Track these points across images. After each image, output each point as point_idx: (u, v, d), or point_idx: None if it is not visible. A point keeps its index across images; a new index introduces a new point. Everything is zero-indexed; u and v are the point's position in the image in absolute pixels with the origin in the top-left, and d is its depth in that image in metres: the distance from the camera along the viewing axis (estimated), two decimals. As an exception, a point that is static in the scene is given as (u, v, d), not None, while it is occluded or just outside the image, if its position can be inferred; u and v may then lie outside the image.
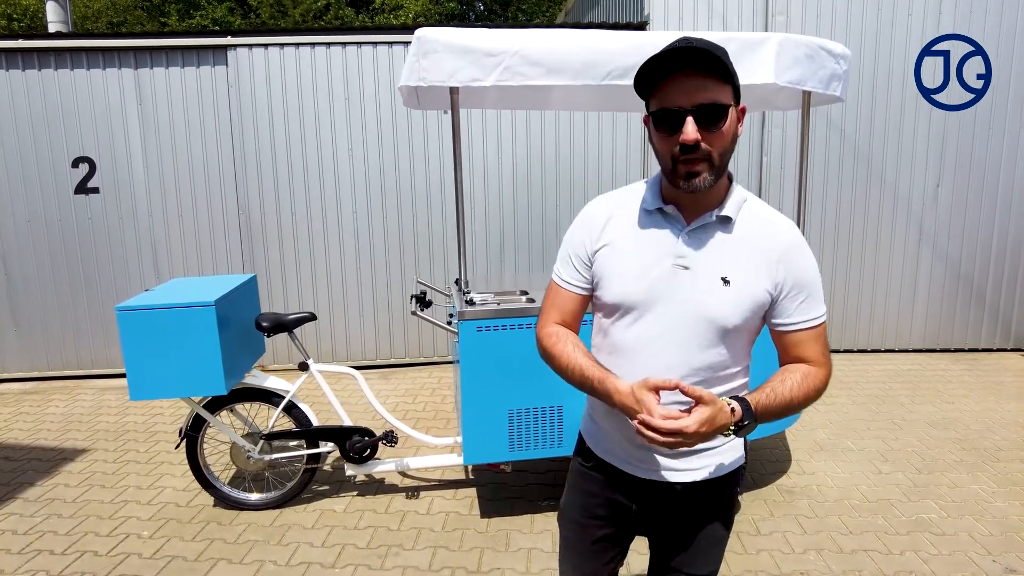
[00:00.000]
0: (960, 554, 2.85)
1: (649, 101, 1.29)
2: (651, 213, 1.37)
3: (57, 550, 3.00)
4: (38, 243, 5.32)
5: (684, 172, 1.25)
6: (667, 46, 1.21)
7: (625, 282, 1.35)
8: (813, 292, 1.35)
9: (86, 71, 5.14)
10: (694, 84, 1.21)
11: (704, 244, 1.32)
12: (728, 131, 1.25)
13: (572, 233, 1.46)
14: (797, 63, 2.77)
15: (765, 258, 1.32)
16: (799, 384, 1.31)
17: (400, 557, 2.90)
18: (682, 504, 1.44)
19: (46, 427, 4.51)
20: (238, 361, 3.11)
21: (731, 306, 1.30)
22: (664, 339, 1.33)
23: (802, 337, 1.35)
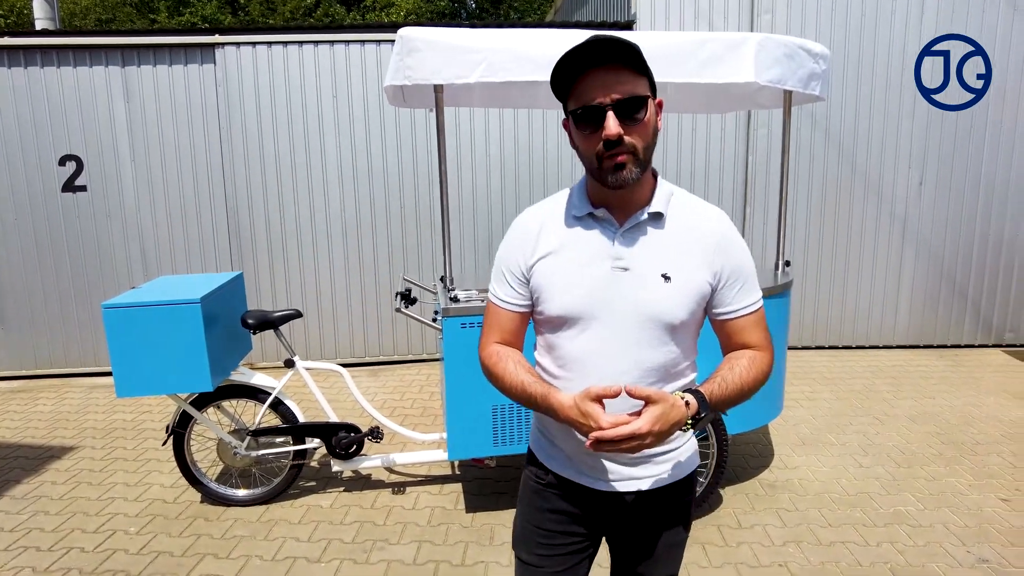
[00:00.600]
0: (935, 545, 2.90)
1: (567, 101, 1.27)
2: (582, 219, 1.34)
3: (44, 547, 3.02)
4: (25, 241, 5.31)
5: (610, 167, 1.23)
6: (581, 42, 1.18)
7: (567, 293, 1.32)
8: (749, 278, 1.36)
9: (73, 69, 5.13)
10: (611, 78, 1.20)
11: (640, 243, 1.31)
12: (649, 123, 1.24)
13: (504, 251, 1.41)
14: (777, 63, 2.81)
15: (701, 249, 1.31)
16: (747, 370, 1.31)
17: (385, 551, 2.93)
18: (642, 512, 1.43)
19: (34, 425, 4.51)
20: (225, 358, 3.13)
21: (675, 301, 1.29)
22: (613, 344, 1.30)
23: (744, 323, 1.36)
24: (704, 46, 2.72)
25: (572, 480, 1.43)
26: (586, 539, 1.49)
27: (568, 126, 1.29)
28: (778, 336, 3.24)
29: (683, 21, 5.36)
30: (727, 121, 5.54)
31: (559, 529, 1.47)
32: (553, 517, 1.47)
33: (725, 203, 5.65)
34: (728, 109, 3.81)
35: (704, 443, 3.08)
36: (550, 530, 1.47)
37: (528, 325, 1.44)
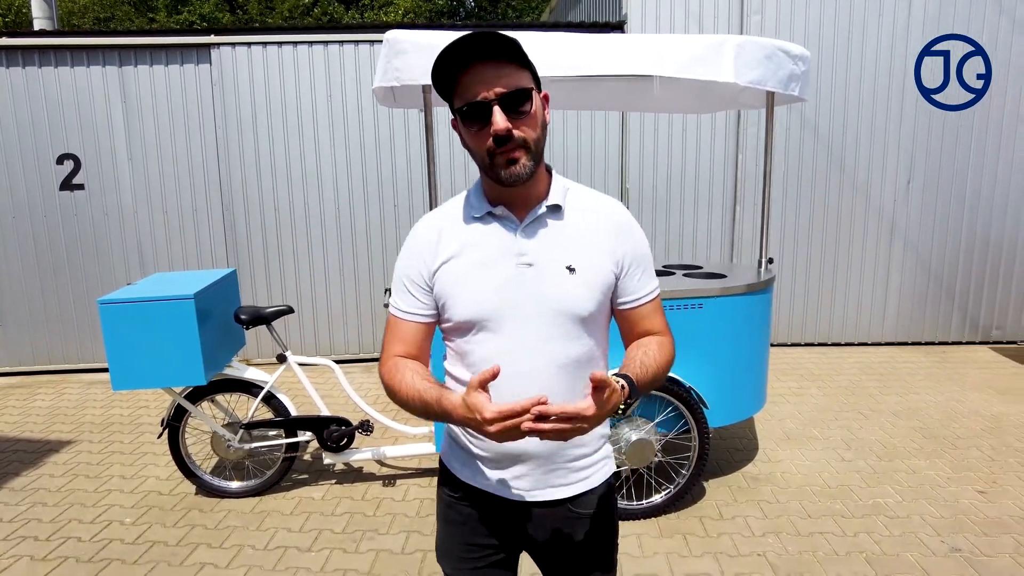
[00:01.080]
0: (911, 535, 2.98)
1: (452, 100, 1.24)
2: (481, 219, 1.31)
3: (42, 536, 3.09)
4: (24, 239, 5.38)
5: (503, 163, 1.20)
6: (458, 38, 1.15)
7: (473, 295, 1.28)
8: (647, 266, 1.37)
9: (70, 68, 5.20)
10: (493, 73, 1.17)
11: (541, 237, 1.29)
12: (537, 115, 1.23)
13: (403, 261, 1.36)
14: (757, 64, 2.88)
15: (602, 237, 1.31)
16: (658, 354, 1.31)
17: (374, 541, 3.00)
18: (560, 522, 1.39)
19: (32, 420, 4.58)
20: (218, 353, 3.20)
21: (582, 293, 1.28)
22: (525, 342, 1.27)
23: (646, 311, 1.36)
24: (686, 48, 2.79)
25: (485, 491, 1.38)
26: (503, 551, 1.44)
27: (457, 126, 1.26)
28: (761, 331, 3.32)
29: (673, 21, 5.43)
30: (717, 122, 5.61)
31: (475, 542, 1.42)
32: (467, 530, 1.42)
33: (715, 202, 5.72)
34: (714, 109, 3.88)
35: (686, 436, 3.15)
36: (467, 543, 1.42)
37: (433, 336, 1.39)
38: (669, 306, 3.07)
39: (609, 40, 2.75)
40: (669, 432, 3.12)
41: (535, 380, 1.27)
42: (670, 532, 3.03)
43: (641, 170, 5.64)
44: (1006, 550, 2.85)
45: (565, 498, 1.37)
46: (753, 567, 2.77)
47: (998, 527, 3.03)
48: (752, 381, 3.32)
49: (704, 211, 5.74)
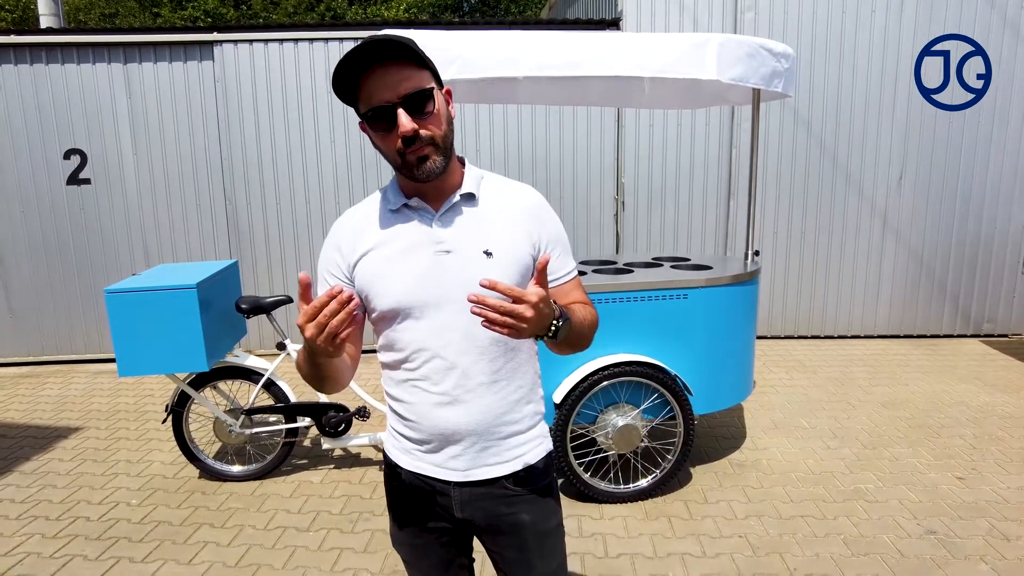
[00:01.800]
0: (888, 519, 3.08)
1: (357, 106, 1.27)
2: (397, 211, 1.35)
3: (52, 516, 3.22)
4: (32, 232, 5.51)
5: (414, 161, 1.25)
6: (356, 46, 1.20)
7: (396, 285, 1.31)
8: (565, 245, 1.42)
9: (77, 66, 5.31)
10: (393, 76, 1.21)
11: (457, 224, 1.33)
12: (441, 112, 1.27)
13: (324, 256, 1.40)
14: (739, 61, 2.97)
15: (517, 222, 1.36)
16: (583, 310, 1.37)
17: (370, 522, 3.12)
18: (499, 501, 1.40)
19: (41, 408, 4.71)
20: (220, 341, 3.32)
21: (499, 275, 1.30)
22: (450, 326, 1.31)
23: (567, 288, 1.42)
24: (671, 47, 2.88)
25: (423, 474, 1.40)
26: (450, 535, 1.46)
27: (365, 129, 1.29)
28: (746, 322, 3.41)
29: (668, 18, 5.51)
30: (711, 117, 5.69)
31: (424, 527, 1.45)
32: (413, 515, 1.45)
33: (710, 197, 5.81)
34: (700, 105, 3.97)
35: (671, 422, 3.25)
36: (416, 529, 1.45)
37: (360, 331, 1.41)
38: (655, 296, 3.17)
39: (597, 40, 2.84)
40: (655, 418, 3.22)
41: (459, 361, 1.31)
42: (655, 515, 3.14)
43: (636, 165, 5.73)
44: (979, 532, 2.95)
45: (501, 476, 1.39)
46: (734, 548, 2.87)
47: (974, 511, 3.12)
48: (737, 370, 3.42)
49: (699, 205, 5.83)
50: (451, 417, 1.34)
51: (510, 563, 1.45)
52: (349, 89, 1.25)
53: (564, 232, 1.43)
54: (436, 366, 1.32)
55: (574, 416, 3.12)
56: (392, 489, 1.48)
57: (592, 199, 5.76)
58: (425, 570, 1.49)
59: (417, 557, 1.48)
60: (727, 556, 2.81)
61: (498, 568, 1.49)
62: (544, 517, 1.44)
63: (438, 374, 1.32)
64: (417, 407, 1.36)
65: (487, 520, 1.42)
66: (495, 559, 1.48)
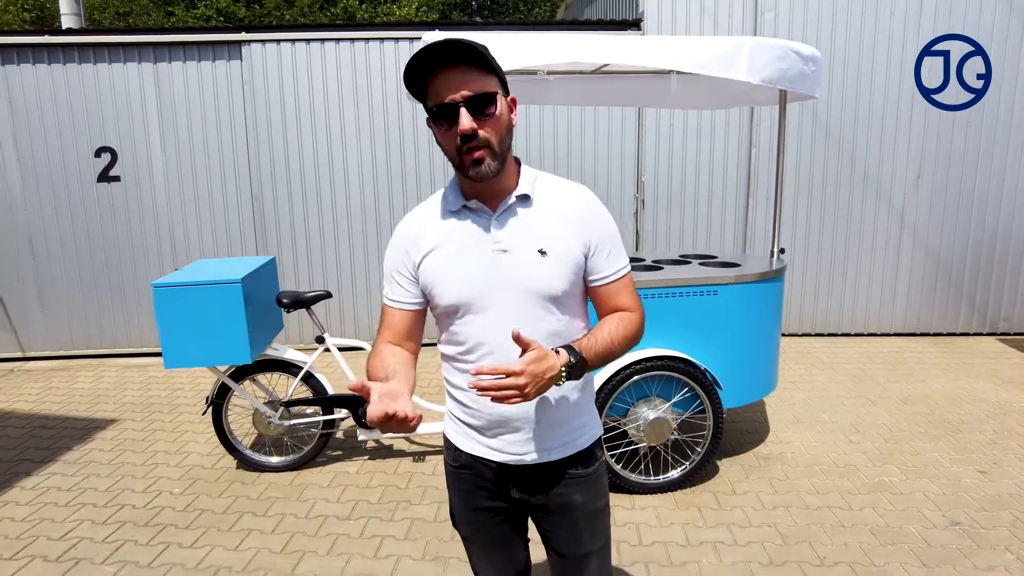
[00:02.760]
0: (913, 510, 3.15)
1: (425, 102, 1.35)
2: (457, 212, 1.44)
3: (99, 503, 3.33)
4: (63, 229, 5.62)
5: (469, 161, 1.32)
6: (429, 43, 1.27)
7: (455, 282, 1.41)
8: (616, 244, 1.47)
9: (108, 65, 5.42)
10: (461, 77, 1.28)
11: (513, 225, 1.42)
12: (501, 117, 1.33)
13: (389, 255, 1.50)
14: (769, 64, 3.04)
15: (570, 221, 1.43)
16: (616, 327, 1.42)
17: (408, 511, 3.21)
18: (548, 483, 1.51)
19: (76, 400, 4.83)
20: (261, 334, 3.41)
21: (553, 273, 1.40)
22: (506, 321, 1.39)
23: (615, 288, 1.47)
24: (704, 48, 2.96)
25: (481, 456, 1.51)
26: (506, 513, 1.57)
27: (430, 125, 1.37)
28: (773, 317, 3.49)
29: (689, 18, 5.57)
30: (731, 118, 5.75)
31: (480, 506, 1.56)
32: (472, 495, 1.56)
33: (729, 195, 5.88)
34: (727, 105, 4.04)
35: (701, 416, 3.33)
36: (475, 508, 1.57)
37: (423, 323, 1.52)
38: (686, 292, 3.25)
39: (632, 41, 2.92)
40: (685, 412, 3.31)
41: (516, 354, 1.37)
42: (685, 505, 3.23)
43: (656, 164, 5.80)
44: (1003, 524, 3.02)
45: (553, 460, 1.49)
46: (764, 536, 2.96)
47: (997, 504, 3.20)
48: (764, 364, 3.50)
49: (718, 204, 5.90)
50: (507, 406, 1.43)
51: (560, 541, 1.55)
52: (419, 84, 1.33)
53: (615, 230, 1.49)
54: (493, 359, 1.41)
55: (606, 409, 3.20)
56: (452, 470, 1.59)
57: (613, 197, 5.84)
58: (483, 546, 1.60)
59: (476, 534, 1.60)
60: (757, 544, 2.90)
61: (548, 545, 1.59)
62: (593, 498, 1.54)
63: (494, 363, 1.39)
64: (475, 396, 1.45)
65: (540, 500, 1.52)
66: (546, 537, 1.59)
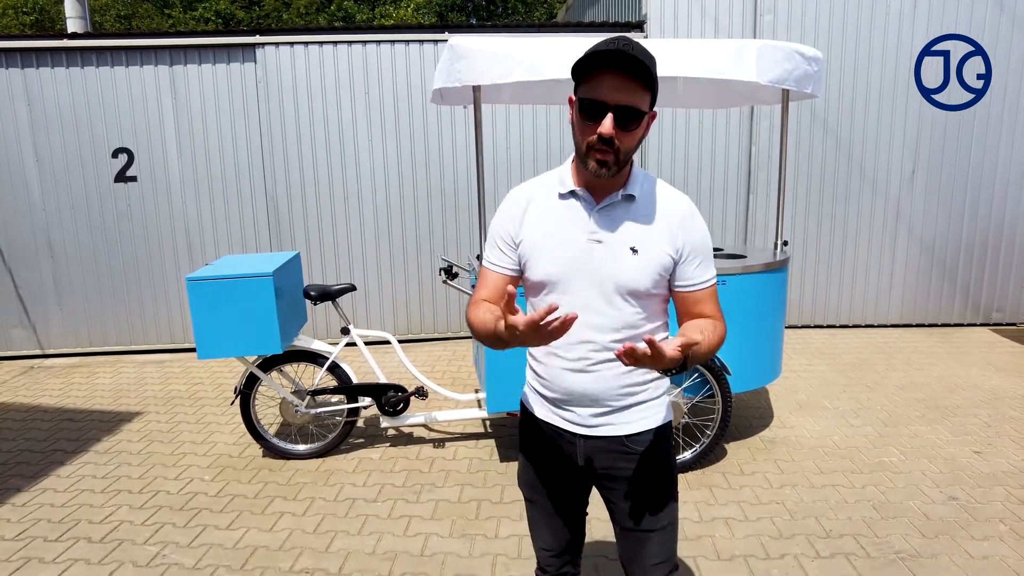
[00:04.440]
0: (912, 487, 3.32)
1: (579, 86, 1.42)
2: (565, 196, 1.53)
3: (134, 490, 3.46)
4: (80, 228, 5.75)
5: (595, 159, 1.41)
6: (611, 44, 1.34)
7: (548, 260, 1.51)
8: (707, 254, 1.54)
9: (125, 68, 5.54)
10: (622, 85, 1.35)
11: (613, 220, 1.50)
12: (639, 133, 1.43)
13: (496, 221, 1.60)
14: (775, 65, 3.20)
15: (666, 227, 1.50)
16: (712, 334, 1.46)
17: (433, 493, 3.36)
18: (626, 458, 1.59)
19: (99, 394, 4.95)
20: (289, 326, 3.56)
21: (640, 271, 1.48)
22: (588, 305, 1.50)
23: (701, 296, 1.53)
24: (713, 52, 3.12)
25: (554, 424, 1.62)
26: (570, 481, 1.68)
27: (572, 106, 1.45)
28: (778, 306, 3.66)
29: (691, 19, 5.74)
30: (731, 115, 5.92)
31: (546, 470, 1.68)
32: (540, 458, 1.68)
33: (730, 190, 6.05)
34: (732, 105, 4.20)
35: (710, 400, 3.50)
36: (539, 470, 1.69)
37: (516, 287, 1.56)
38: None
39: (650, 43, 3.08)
40: (695, 396, 3.47)
41: (590, 337, 1.50)
42: (697, 485, 3.39)
43: (660, 160, 5.96)
44: (997, 499, 3.19)
45: (621, 435, 1.58)
46: (773, 512, 3.12)
47: (991, 480, 3.37)
48: (770, 351, 3.66)
49: (719, 199, 6.07)
50: (578, 383, 1.55)
51: (622, 512, 1.64)
52: (585, 69, 1.39)
53: (708, 243, 1.55)
54: (570, 338, 1.52)
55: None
56: (526, 433, 1.72)
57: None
58: (542, 507, 1.72)
59: (538, 496, 1.71)
60: (767, 520, 3.06)
61: (613, 518, 1.69)
62: (657, 477, 1.61)
63: (571, 345, 1.53)
64: (551, 370, 1.58)
65: (606, 470, 1.62)
66: (610, 507, 1.68)
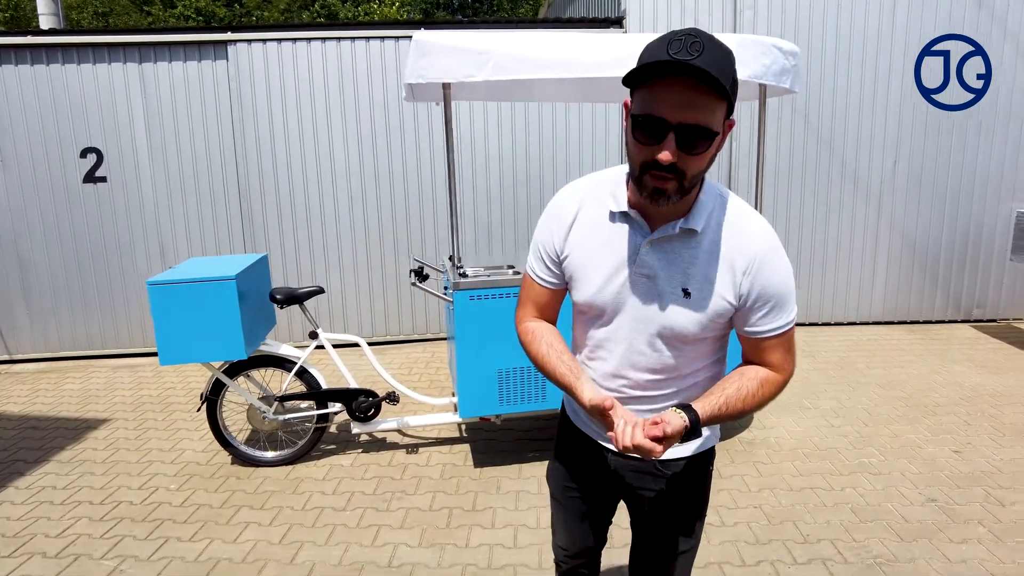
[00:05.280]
0: (892, 488, 3.28)
1: (635, 92, 1.19)
2: (616, 215, 1.35)
3: (95, 501, 3.35)
4: (49, 230, 5.60)
5: (651, 187, 1.20)
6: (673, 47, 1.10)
7: (591, 287, 1.39)
8: (781, 301, 1.32)
9: (92, 65, 5.40)
10: (687, 98, 1.11)
11: (666, 254, 1.31)
12: (708, 155, 1.18)
13: (542, 228, 1.46)
14: (753, 60, 3.14)
15: (729, 269, 1.29)
16: (754, 394, 1.32)
17: (404, 501, 3.28)
18: (656, 480, 1.51)
19: (66, 401, 4.82)
20: (255, 330, 3.46)
21: (690, 317, 1.31)
22: (628, 341, 1.38)
23: (767, 344, 1.34)
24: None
25: (589, 436, 1.57)
26: (599, 491, 1.63)
27: (627, 115, 1.23)
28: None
29: (670, 15, 5.67)
30: (712, 111, 5.85)
31: (577, 475, 1.63)
32: (573, 463, 1.64)
33: (711, 189, 5.99)
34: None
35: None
36: (570, 474, 1.65)
37: (563, 299, 1.53)
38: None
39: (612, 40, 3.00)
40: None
41: (627, 371, 1.41)
42: (674, 489, 3.32)
43: (640, 159, 5.89)
44: (976, 499, 3.16)
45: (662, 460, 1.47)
46: (750, 517, 3.06)
47: (970, 480, 3.33)
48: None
49: (700, 198, 6.01)
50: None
51: (642, 529, 1.60)
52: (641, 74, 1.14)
53: (786, 286, 1.32)
54: (605, 365, 1.45)
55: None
56: (562, 436, 1.67)
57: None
58: (567, 508, 1.68)
59: (565, 498, 1.67)
60: (744, 525, 3.00)
61: (634, 528, 1.65)
62: (684, 503, 1.53)
63: (605, 372, 1.46)
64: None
65: (634, 484, 1.55)
66: (633, 521, 1.64)
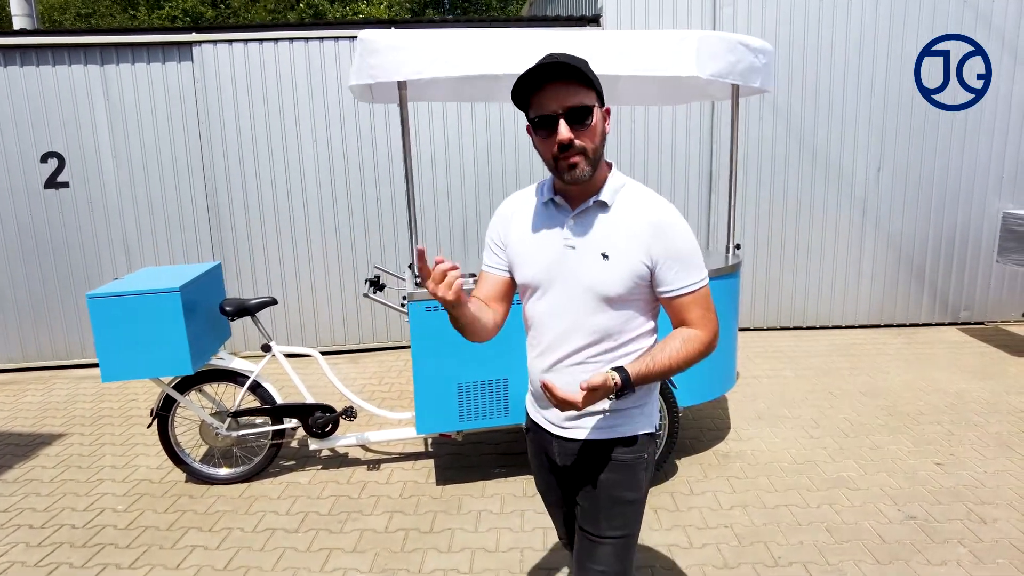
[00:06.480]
0: (870, 505, 3.14)
1: (528, 111, 1.49)
2: (546, 204, 1.61)
3: (36, 524, 3.19)
4: (9, 238, 5.43)
5: (565, 166, 1.46)
6: (536, 63, 1.41)
7: (528, 265, 1.60)
8: (688, 260, 1.52)
9: (52, 68, 5.24)
10: (562, 92, 1.42)
11: (586, 226, 1.55)
12: (596, 128, 1.47)
13: (490, 228, 1.73)
14: (718, 58, 3.00)
15: (638, 234, 1.51)
16: (678, 349, 1.51)
17: (359, 522, 3.13)
18: (588, 459, 1.63)
19: (22, 415, 4.66)
20: (204, 343, 3.30)
21: (611, 276, 1.51)
22: (563, 309, 1.56)
23: (683, 302, 1.53)
24: (650, 43, 2.90)
25: (538, 423, 1.73)
26: (558, 479, 1.76)
27: (530, 132, 1.51)
28: (728, 313, 3.45)
29: (648, 13, 5.54)
30: (691, 112, 5.73)
31: (542, 469, 1.80)
32: (536, 458, 1.80)
33: (691, 192, 5.86)
34: (680, 101, 4.00)
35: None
36: (538, 469, 1.82)
37: (510, 292, 1.72)
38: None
39: (577, 37, 2.86)
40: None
41: (568, 340, 1.57)
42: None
43: (618, 160, 5.76)
44: (958, 516, 3.02)
45: (591, 439, 1.62)
46: (719, 538, 2.92)
47: (952, 496, 3.19)
48: (720, 362, 3.46)
49: (680, 199, 5.87)
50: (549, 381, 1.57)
51: (583, 512, 1.67)
52: (525, 97, 1.47)
53: (689, 248, 1.52)
54: (545, 340, 1.61)
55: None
56: (527, 434, 1.84)
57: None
58: (549, 503, 1.87)
59: (543, 492, 1.86)
60: (713, 547, 2.86)
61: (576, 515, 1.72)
62: (622, 486, 1.62)
63: (545, 347, 1.61)
64: (532, 369, 1.68)
65: (577, 471, 1.66)
66: (569, 511, 1.80)
